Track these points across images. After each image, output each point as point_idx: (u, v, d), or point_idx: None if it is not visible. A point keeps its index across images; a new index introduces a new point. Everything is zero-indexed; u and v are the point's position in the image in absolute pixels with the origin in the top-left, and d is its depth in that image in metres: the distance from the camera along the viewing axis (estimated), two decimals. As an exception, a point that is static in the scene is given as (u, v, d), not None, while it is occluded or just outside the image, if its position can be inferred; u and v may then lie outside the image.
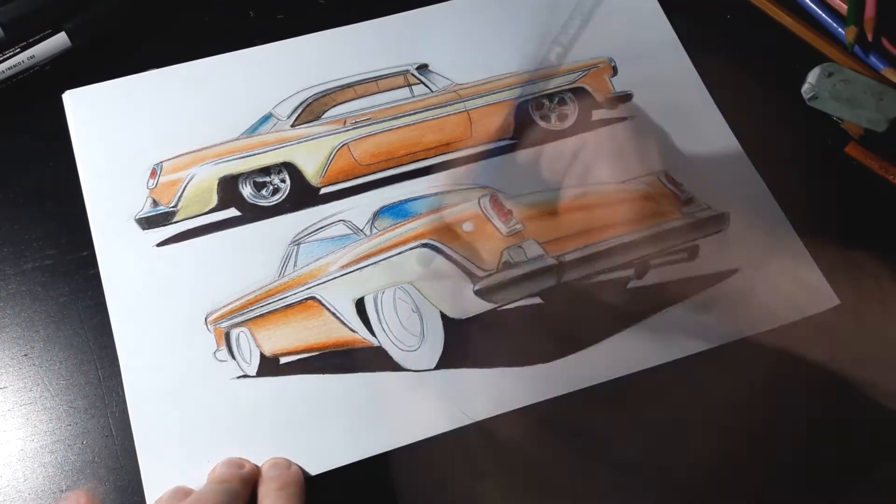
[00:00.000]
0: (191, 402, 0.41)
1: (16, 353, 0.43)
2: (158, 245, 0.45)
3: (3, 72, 0.46)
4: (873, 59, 0.54)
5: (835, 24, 0.55)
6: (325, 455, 0.40)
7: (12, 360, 0.42)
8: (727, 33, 0.55)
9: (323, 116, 0.49)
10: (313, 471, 0.40)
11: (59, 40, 0.47)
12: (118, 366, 0.42)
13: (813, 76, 0.52)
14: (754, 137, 0.50)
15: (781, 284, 0.46)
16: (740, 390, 0.43)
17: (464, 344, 0.43)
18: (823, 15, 0.55)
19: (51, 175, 0.46)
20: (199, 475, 0.39)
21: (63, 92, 0.48)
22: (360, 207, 0.47)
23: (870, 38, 0.54)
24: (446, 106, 0.50)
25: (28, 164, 0.47)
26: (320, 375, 0.42)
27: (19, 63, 0.46)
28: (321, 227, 0.46)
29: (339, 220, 0.46)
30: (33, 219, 0.46)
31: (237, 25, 0.52)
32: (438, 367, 0.43)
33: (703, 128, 0.51)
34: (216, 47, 0.51)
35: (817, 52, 0.55)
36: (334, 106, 0.50)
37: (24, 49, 0.47)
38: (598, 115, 0.51)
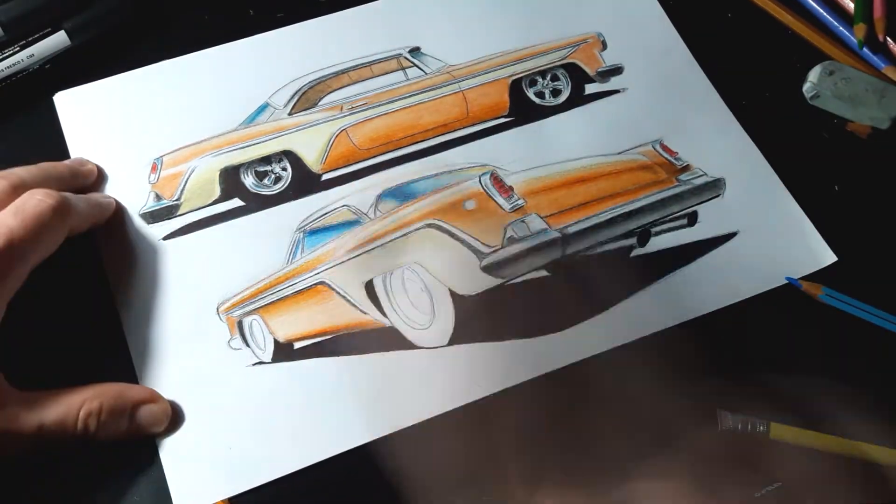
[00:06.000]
0: (208, 392, 0.41)
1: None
2: (165, 238, 0.45)
3: (2, 70, 0.46)
4: (874, 58, 0.53)
5: (835, 22, 0.54)
6: (343, 435, 0.41)
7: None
8: (728, 32, 0.55)
9: (319, 103, 0.50)
10: (333, 451, 0.40)
11: (59, 39, 0.47)
12: (130, 361, 0.42)
13: (814, 75, 0.51)
14: (754, 128, 0.51)
15: (781, 244, 0.47)
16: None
17: (475, 319, 0.44)
18: (824, 13, 0.55)
19: (51, 175, 0.46)
20: (219, 463, 0.40)
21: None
22: (362, 192, 0.47)
23: (881, 38, 0.53)
24: (441, 87, 0.51)
25: (27, 164, 0.46)
26: (335, 358, 0.43)
27: (19, 62, 0.46)
28: (326, 213, 0.46)
29: (343, 205, 0.47)
30: (36, 220, 0.45)
31: (237, 24, 0.52)
32: (451, 342, 0.43)
33: (693, 96, 0.52)
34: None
35: (817, 49, 0.54)
36: (330, 92, 0.50)
37: (23, 48, 0.46)
38: (590, 89, 0.52)
